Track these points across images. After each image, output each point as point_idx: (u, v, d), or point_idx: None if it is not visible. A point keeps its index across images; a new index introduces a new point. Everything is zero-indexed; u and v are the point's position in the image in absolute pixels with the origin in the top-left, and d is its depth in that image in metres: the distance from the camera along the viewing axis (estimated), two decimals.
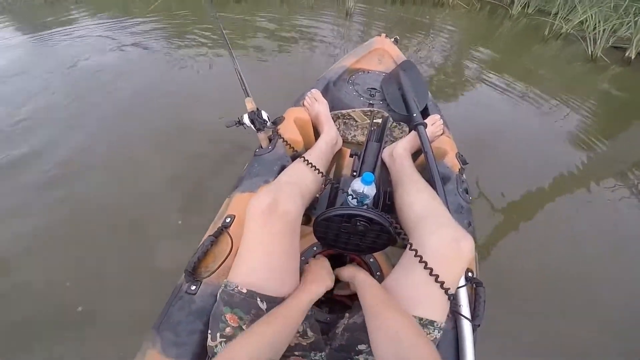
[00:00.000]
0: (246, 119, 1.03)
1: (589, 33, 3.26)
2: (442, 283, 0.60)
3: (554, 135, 2.07)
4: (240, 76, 1.07)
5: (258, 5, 4.02)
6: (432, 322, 0.61)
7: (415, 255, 0.63)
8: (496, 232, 1.43)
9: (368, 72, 1.52)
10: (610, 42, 3.30)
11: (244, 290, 0.61)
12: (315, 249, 0.86)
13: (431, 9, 4.31)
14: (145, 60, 2.63)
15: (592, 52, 3.21)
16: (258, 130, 1.04)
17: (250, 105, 1.04)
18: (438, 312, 0.62)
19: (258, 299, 0.61)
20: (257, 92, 1.09)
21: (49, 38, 3.04)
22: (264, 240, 0.65)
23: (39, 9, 3.82)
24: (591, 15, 3.39)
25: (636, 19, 3.28)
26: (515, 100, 2.39)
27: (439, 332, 0.61)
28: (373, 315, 0.58)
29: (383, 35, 1.75)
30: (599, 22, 3.28)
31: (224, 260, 0.76)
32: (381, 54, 1.65)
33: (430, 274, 0.60)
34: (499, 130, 2.05)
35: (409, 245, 0.67)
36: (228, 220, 0.83)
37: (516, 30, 3.89)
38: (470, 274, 0.78)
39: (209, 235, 0.80)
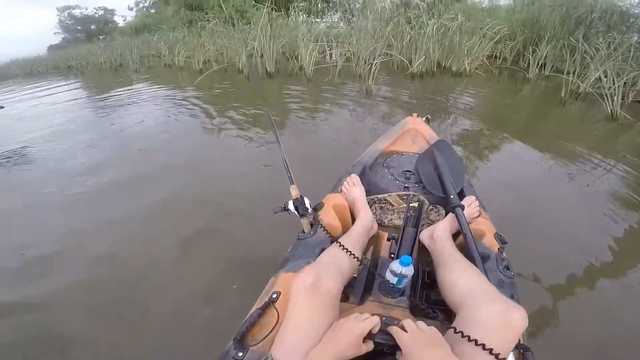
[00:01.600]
0: (291, 206, 1.09)
1: (607, 90, 3.19)
2: (497, 355, 0.60)
3: (588, 202, 1.99)
4: (287, 164, 1.14)
5: (288, 81, 4.38)
6: None
7: (463, 337, 0.64)
8: (539, 303, 1.37)
9: (402, 155, 1.56)
10: (631, 97, 3.26)
11: None
12: None
13: (450, 80, 4.52)
14: (190, 138, 2.90)
15: (611, 110, 3.12)
16: (301, 216, 1.09)
17: (294, 192, 1.10)
18: None
19: None
20: (297, 176, 1.14)
21: (109, 99, 3.51)
22: (308, 314, 0.71)
23: (105, 73, 4.52)
24: (604, 71, 3.38)
25: None
26: (545, 168, 2.35)
27: None
28: None
29: (415, 115, 1.79)
30: (615, 77, 3.25)
31: (271, 331, 0.80)
32: (414, 134, 1.68)
33: (484, 348, 0.61)
34: (533, 202, 1.98)
35: (453, 329, 0.68)
36: (275, 296, 0.88)
37: (536, 94, 3.94)
38: (519, 340, 0.76)
39: (257, 308, 0.84)
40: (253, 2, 8.97)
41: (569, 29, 4.80)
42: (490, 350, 0.61)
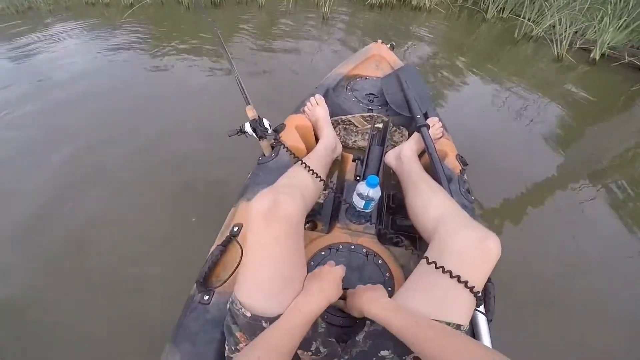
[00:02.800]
0: (248, 128, 1.01)
1: (558, 36, 3.38)
2: (471, 288, 0.58)
3: (533, 136, 2.12)
4: (240, 84, 1.05)
5: (237, 10, 3.95)
6: (459, 327, 0.58)
7: (437, 268, 0.61)
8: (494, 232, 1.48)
9: (366, 78, 1.51)
10: (578, 44, 3.45)
11: (248, 315, 0.58)
12: (323, 253, 0.85)
13: (409, 12, 4.36)
14: (132, 72, 2.53)
15: (558, 52, 3.33)
16: (260, 138, 1.03)
17: (251, 113, 1.02)
18: (464, 315, 0.60)
19: (263, 322, 0.58)
20: (255, 99, 1.06)
21: (20, 47, 2.87)
22: (268, 245, 0.61)
23: (10, 18, 3.64)
24: (559, 19, 3.53)
25: (600, 24, 3.44)
26: (497, 99, 2.47)
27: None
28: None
29: (379, 41, 1.74)
30: (568, 25, 3.41)
31: (235, 269, 0.75)
32: (378, 60, 1.65)
33: (459, 280, 0.59)
34: (483, 133, 2.06)
35: (425, 259, 0.64)
36: (236, 229, 0.82)
37: (492, 33, 3.98)
38: None
39: (218, 245, 0.78)
40: None
41: None
42: (466, 283, 0.58)
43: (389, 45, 1.74)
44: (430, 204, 0.79)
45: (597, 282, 1.33)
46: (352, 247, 0.86)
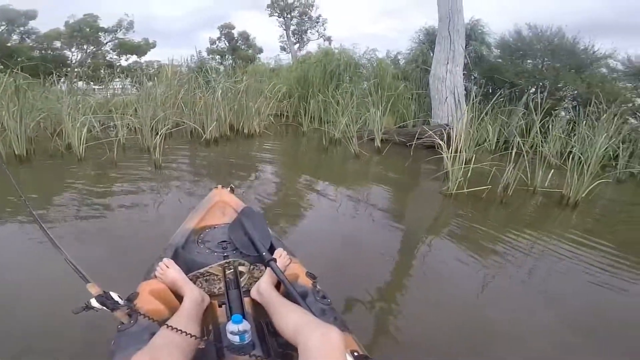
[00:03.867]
0: (95, 303, 0.97)
1: (350, 134, 4.18)
2: None
3: (368, 222, 2.51)
4: (73, 264, 1.03)
5: (51, 166, 3.53)
6: None
7: None
8: (367, 317, 1.65)
9: (215, 227, 1.62)
10: (366, 137, 4.31)
11: None
12: None
13: (244, 142, 4.85)
14: None
15: (354, 150, 4.05)
16: (113, 310, 1.00)
17: (94, 289, 1.00)
18: None
19: None
20: (95, 272, 1.04)
21: None
22: None
23: None
24: (346, 122, 4.42)
25: (370, 116, 4.46)
26: (330, 205, 2.80)
27: None
28: None
29: (219, 186, 1.87)
30: (353, 123, 4.30)
31: None
32: (222, 206, 1.76)
33: None
34: (330, 234, 2.29)
35: None
36: None
37: (310, 144, 4.81)
38: (356, 353, 0.95)
39: None
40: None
41: (326, 82, 5.90)
42: None
43: (229, 189, 1.90)
44: (288, 322, 0.99)
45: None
46: None
